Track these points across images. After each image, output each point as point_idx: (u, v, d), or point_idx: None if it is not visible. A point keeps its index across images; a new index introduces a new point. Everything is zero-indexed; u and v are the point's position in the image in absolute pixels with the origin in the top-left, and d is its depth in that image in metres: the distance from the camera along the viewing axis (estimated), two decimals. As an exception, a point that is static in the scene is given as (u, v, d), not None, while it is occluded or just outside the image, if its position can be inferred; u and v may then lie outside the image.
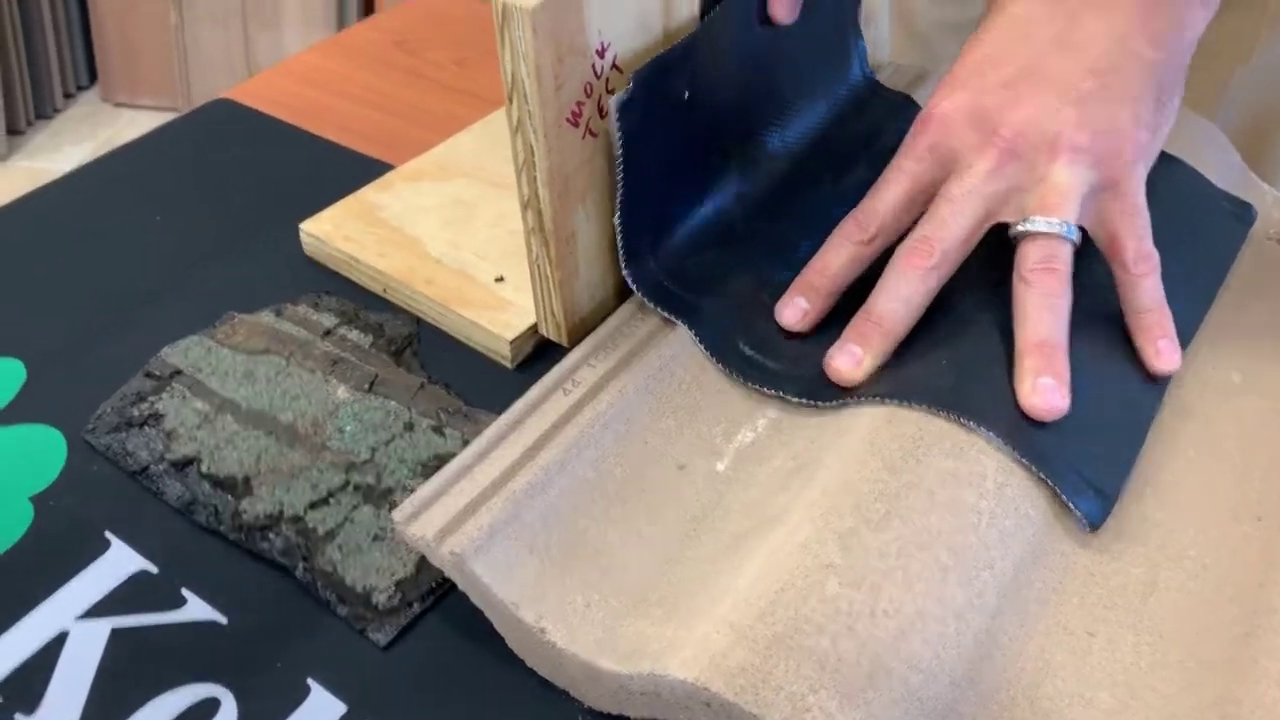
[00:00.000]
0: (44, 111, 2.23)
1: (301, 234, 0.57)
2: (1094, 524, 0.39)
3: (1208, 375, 0.46)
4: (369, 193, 0.59)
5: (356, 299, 0.55)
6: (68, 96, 2.27)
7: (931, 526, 0.37)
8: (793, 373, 0.45)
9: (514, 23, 0.38)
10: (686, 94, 0.46)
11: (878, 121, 0.57)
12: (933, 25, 0.77)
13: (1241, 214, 0.52)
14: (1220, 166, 0.55)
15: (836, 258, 0.46)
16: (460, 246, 0.55)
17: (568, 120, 0.42)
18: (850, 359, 0.43)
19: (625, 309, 0.48)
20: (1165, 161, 0.52)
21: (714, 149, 0.49)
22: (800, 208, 0.52)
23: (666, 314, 0.47)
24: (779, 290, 0.48)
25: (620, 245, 0.46)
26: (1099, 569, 0.39)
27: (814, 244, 0.50)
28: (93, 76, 2.30)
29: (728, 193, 0.50)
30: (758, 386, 0.45)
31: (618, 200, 0.45)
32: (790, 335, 0.46)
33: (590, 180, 0.45)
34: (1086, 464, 0.40)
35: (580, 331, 0.48)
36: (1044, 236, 0.42)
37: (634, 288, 0.47)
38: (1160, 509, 0.41)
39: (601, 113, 0.43)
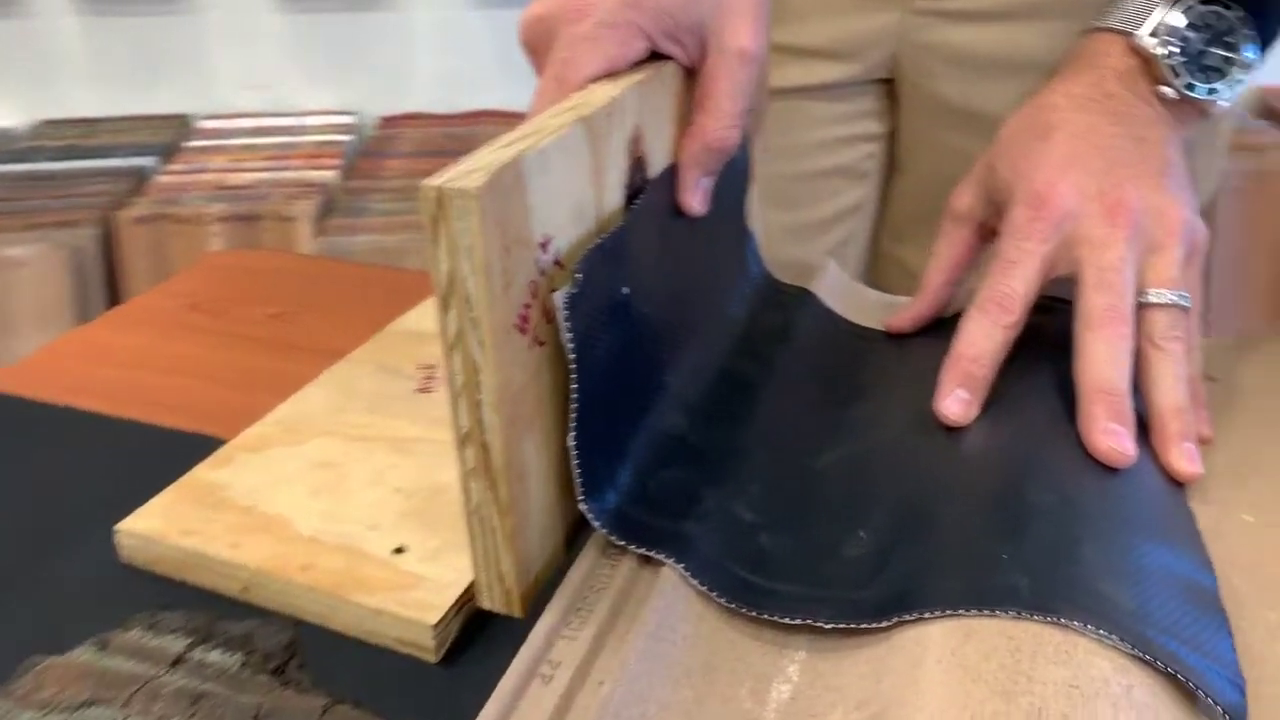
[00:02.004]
0: None
1: (118, 537, 0.44)
2: (1237, 718, 0.32)
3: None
4: (203, 472, 0.47)
5: (208, 608, 0.42)
6: None
7: (1087, 760, 0.29)
8: (815, 594, 0.37)
9: (455, 210, 0.30)
10: (625, 289, 0.39)
11: (789, 315, 0.52)
12: (775, 228, 0.76)
13: None
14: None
15: (989, 342, 0.45)
16: (339, 518, 0.44)
17: (515, 326, 0.33)
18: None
19: (587, 554, 0.38)
20: None
21: (652, 352, 0.42)
22: (741, 410, 0.46)
23: (642, 550, 0.37)
24: (755, 502, 0.40)
25: (577, 475, 0.37)
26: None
27: (770, 450, 0.43)
28: None
29: (671, 401, 0.43)
30: (778, 617, 0.36)
31: (572, 419, 0.36)
32: (796, 550, 0.38)
33: (539, 400, 0.36)
34: (1209, 650, 0.34)
35: (534, 595, 0.38)
36: (1173, 307, 0.44)
37: (597, 525, 0.37)
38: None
39: (547, 316, 0.35)
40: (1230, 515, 0.42)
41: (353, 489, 0.46)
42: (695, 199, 0.45)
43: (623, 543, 0.37)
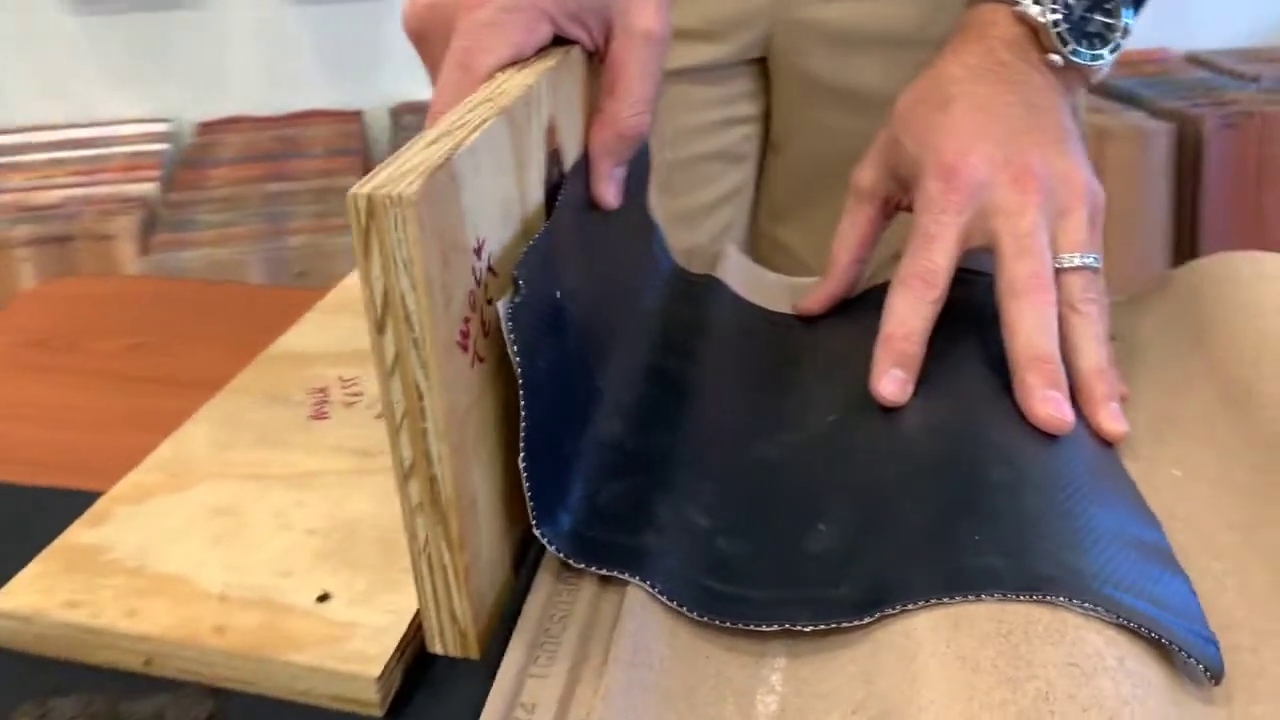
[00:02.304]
0: None
1: (-13, 618, 0.39)
2: (1218, 675, 0.32)
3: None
4: (78, 534, 0.42)
5: (106, 688, 0.37)
6: None
7: (1106, 742, 0.28)
8: (786, 596, 0.35)
9: (389, 220, 0.27)
10: (558, 293, 0.36)
11: (702, 306, 0.51)
12: (659, 216, 0.74)
13: None
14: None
15: (918, 320, 0.44)
16: (246, 569, 0.40)
17: (457, 344, 0.30)
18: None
19: (542, 582, 0.35)
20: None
21: (584, 358, 0.40)
22: (674, 410, 0.44)
23: (604, 570, 0.35)
24: (707, 505, 0.39)
25: (529, 497, 0.34)
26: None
27: (710, 449, 0.42)
28: None
29: (606, 408, 0.41)
30: (754, 625, 0.34)
31: (522, 439, 0.33)
32: (758, 552, 0.37)
33: (482, 423, 0.33)
34: (1178, 608, 0.34)
35: (489, 633, 0.35)
36: (1086, 270, 0.44)
37: (554, 550, 0.35)
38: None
39: (485, 329, 0.32)
40: (1158, 470, 0.43)
41: (256, 535, 0.42)
42: (610, 191, 0.42)
43: (581, 565, 0.35)
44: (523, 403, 0.33)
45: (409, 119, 1.84)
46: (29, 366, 0.56)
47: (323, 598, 0.38)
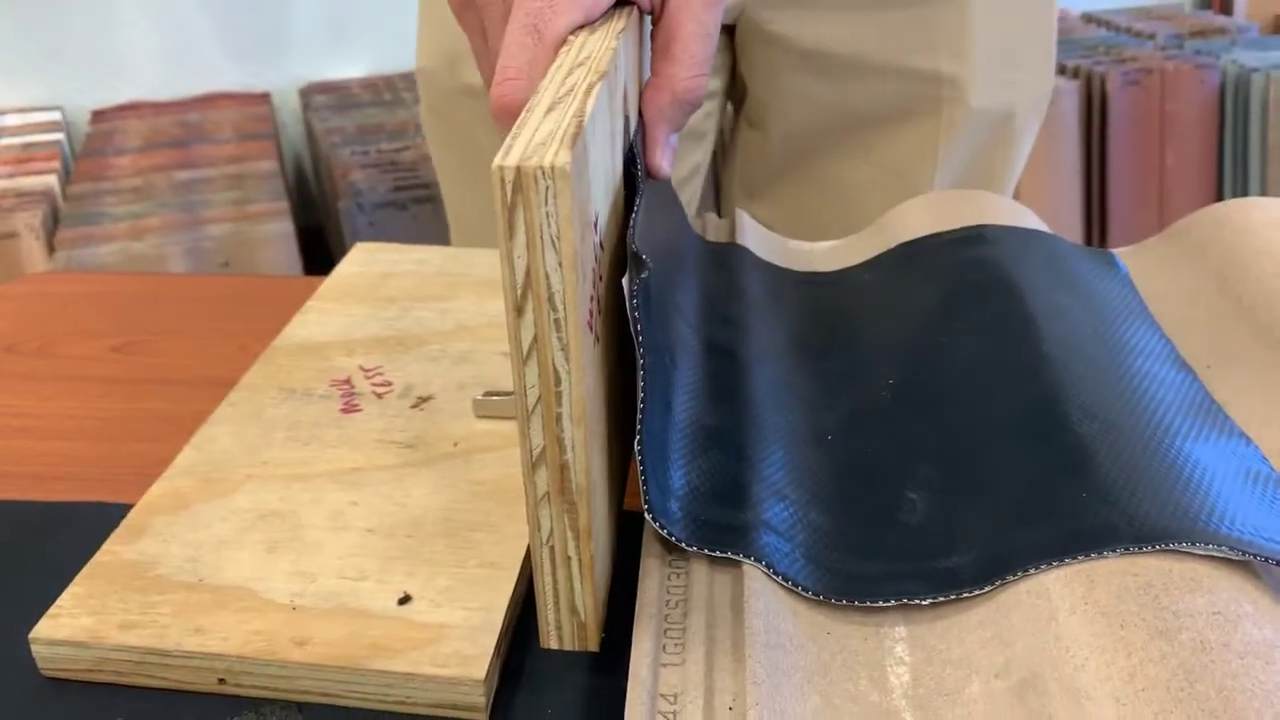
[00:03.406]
0: None
1: (35, 648, 0.36)
2: None
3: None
4: (117, 549, 0.39)
5: (180, 713, 0.34)
6: None
7: (1271, 686, 0.28)
8: (896, 569, 0.34)
9: (539, 193, 0.25)
10: (650, 267, 0.35)
11: (733, 273, 0.49)
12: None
13: (1110, 260, 0.52)
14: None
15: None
16: (314, 575, 0.37)
17: (587, 324, 0.29)
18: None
19: (650, 568, 0.34)
20: (1038, 235, 0.50)
21: (667, 335, 0.38)
22: (734, 383, 0.42)
23: (717, 552, 0.34)
24: (794, 478, 0.38)
25: (644, 481, 0.32)
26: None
27: (781, 419, 0.41)
28: None
29: (679, 385, 0.39)
30: (874, 602, 0.33)
31: (640, 422, 0.32)
32: (853, 524, 0.36)
33: (602, 406, 0.31)
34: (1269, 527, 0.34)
35: (602, 625, 0.33)
36: None
37: (672, 535, 0.33)
38: None
39: (600, 306, 0.31)
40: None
41: (314, 538, 0.39)
42: (665, 159, 0.41)
43: (694, 548, 0.33)
44: (641, 384, 0.31)
45: (320, 99, 1.78)
46: (2, 374, 0.52)
47: (404, 600, 0.36)
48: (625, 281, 0.30)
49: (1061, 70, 1.86)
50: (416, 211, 1.49)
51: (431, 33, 0.69)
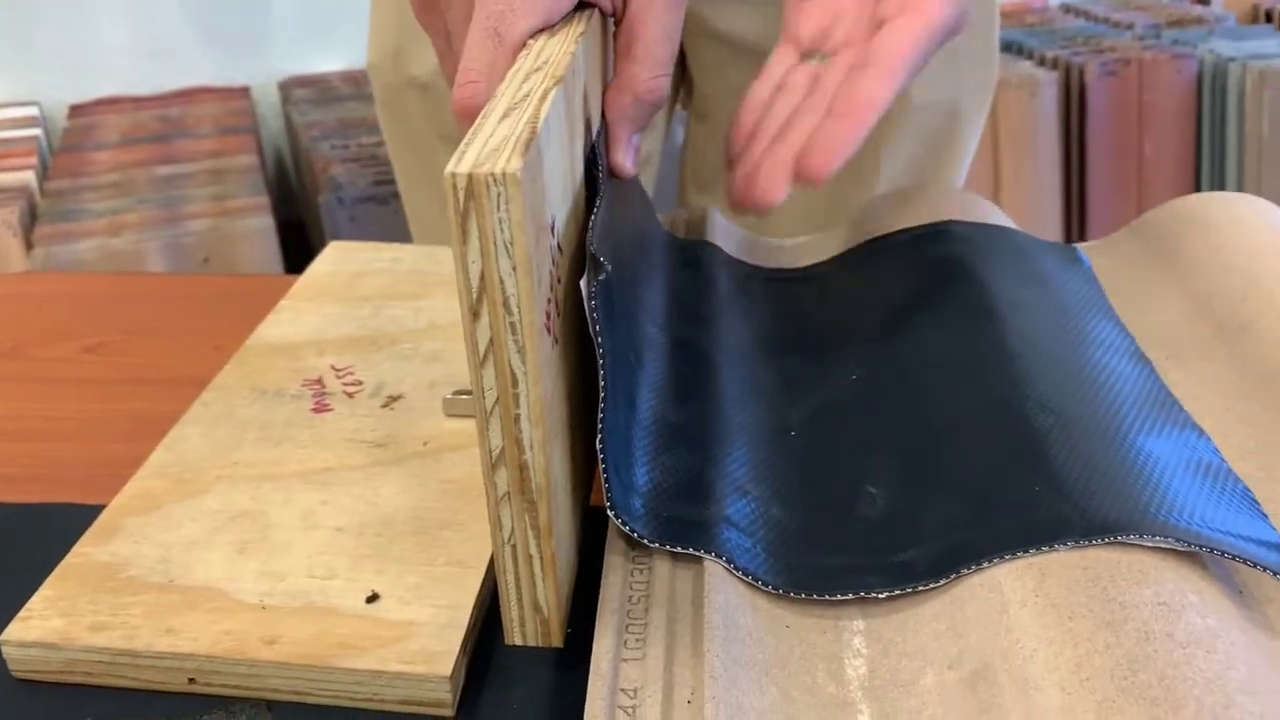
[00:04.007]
0: None
1: (5, 650, 0.36)
2: None
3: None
4: (88, 551, 0.39)
5: (150, 713, 0.35)
6: None
7: (1211, 674, 0.29)
8: (855, 563, 0.35)
9: (491, 199, 0.25)
10: (609, 269, 0.35)
11: (702, 270, 0.50)
12: None
13: (1073, 254, 0.53)
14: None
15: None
16: (283, 575, 0.38)
17: (544, 326, 0.29)
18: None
19: (613, 564, 0.35)
20: (1002, 231, 0.51)
21: (630, 334, 0.39)
22: (699, 380, 0.43)
23: (679, 548, 0.34)
24: (756, 474, 0.38)
25: (606, 479, 0.33)
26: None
27: (747, 416, 0.41)
28: None
29: (644, 383, 0.40)
30: (831, 595, 0.34)
31: (600, 420, 0.32)
32: (813, 519, 0.37)
33: (560, 406, 0.32)
34: (1242, 529, 0.35)
35: (566, 621, 0.34)
36: None
37: (634, 532, 0.34)
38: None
39: (558, 309, 0.31)
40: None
41: (284, 538, 0.40)
42: (629, 158, 0.41)
43: (656, 544, 0.34)
44: (602, 384, 0.32)
45: (300, 93, 1.77)
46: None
47: (372, 598, 0.37)
48: (583, 283, 0.30)
49: (1040, 61, 1.87)
50: (397, 206, 1.49)
51: (378, 27, 0.70)
